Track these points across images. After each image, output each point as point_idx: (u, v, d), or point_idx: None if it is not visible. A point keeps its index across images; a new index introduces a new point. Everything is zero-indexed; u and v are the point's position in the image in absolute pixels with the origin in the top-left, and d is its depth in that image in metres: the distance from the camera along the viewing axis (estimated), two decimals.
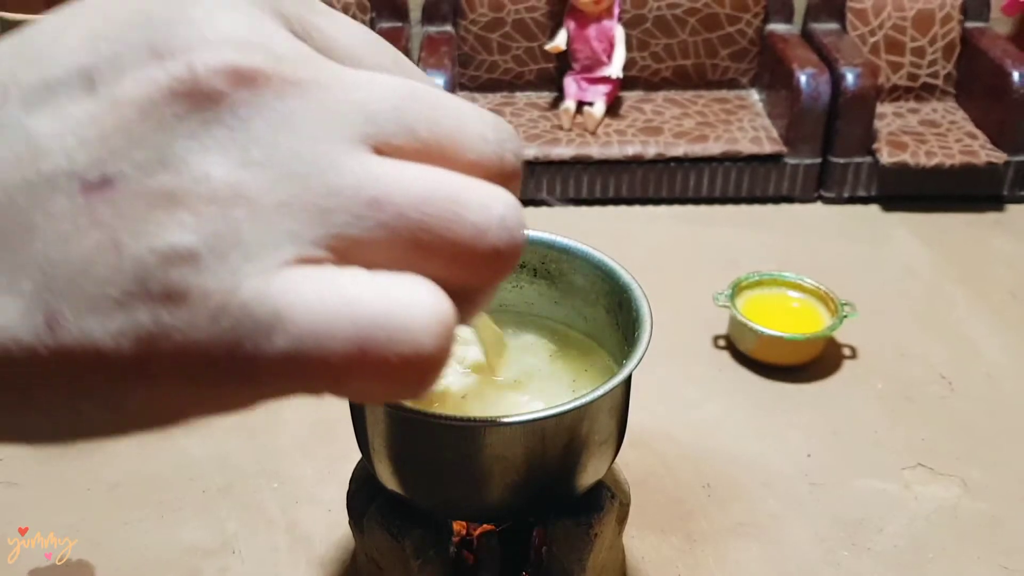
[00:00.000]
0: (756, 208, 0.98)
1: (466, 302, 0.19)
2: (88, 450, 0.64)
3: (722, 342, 0.77)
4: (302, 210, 0.17)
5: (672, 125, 0.99)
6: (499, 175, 0.19)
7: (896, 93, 1.04)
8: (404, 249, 0.18)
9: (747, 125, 0.99)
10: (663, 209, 0.97)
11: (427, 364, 0.17)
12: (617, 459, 0.49)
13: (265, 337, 0.16)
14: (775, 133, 0.98)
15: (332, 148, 0.17)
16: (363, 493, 0.51)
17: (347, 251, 0.17)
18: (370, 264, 0.18)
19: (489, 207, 0.18)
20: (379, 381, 0.17)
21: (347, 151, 0.17)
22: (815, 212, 0.98)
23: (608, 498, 0.49)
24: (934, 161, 0.94)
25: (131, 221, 0.16)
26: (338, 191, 0.17)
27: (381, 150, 0.18)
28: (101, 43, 0.17)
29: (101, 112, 0.16)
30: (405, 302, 0.17)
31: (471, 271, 0.19)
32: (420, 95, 0.19)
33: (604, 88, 1.00)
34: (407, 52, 0.99)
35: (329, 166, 0.17)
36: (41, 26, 0.18)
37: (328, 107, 0.18)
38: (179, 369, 0.17)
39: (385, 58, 0.21)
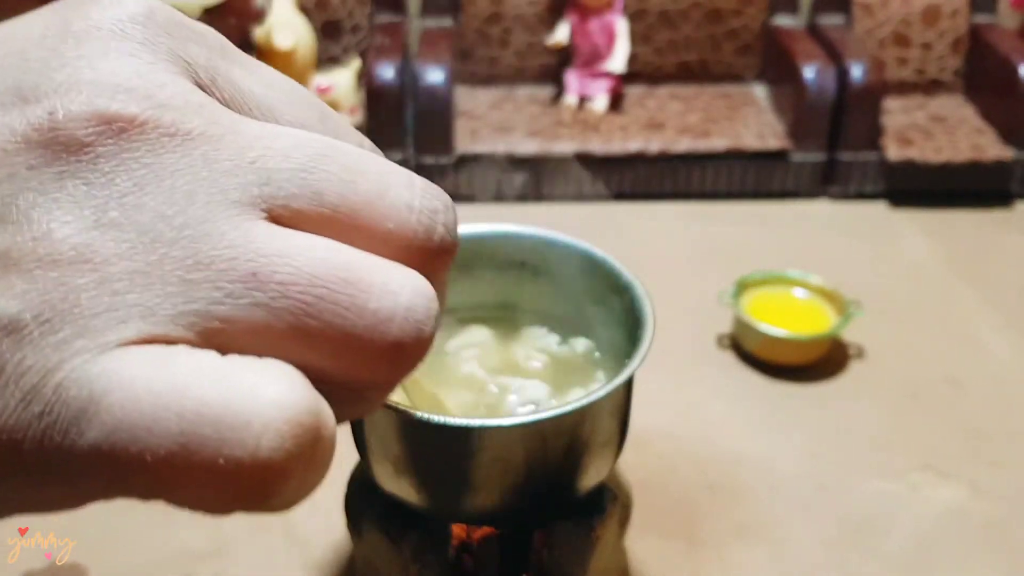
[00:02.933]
0: (761, 205, 0.97)
1: (359, 399, 0.16)
2: None
3: (726, 341, 0.76)
4: (162, 281, 0.14)
5: (676, 121, 0.98)
6: (422, 251, 0.16)
7: (903, 88, 1.03)
8: (285, 335, 0.15)
9: (752, 121, 0.98)
10: (666, 206, 0.96)
11: (267, 472, 0.14)
12: (619, 461, 0.48)
13: (75, 426, 0.14)
14: (780, 129, 0.97)
15: (212, 211, 0.15)
16: (360, 496, 0.50)
17: (214, 333, 0.15)
18: (243, 351, 0.15)
19: (395, 293, 0.15)
20: (210, 490, 0.14)
21: (230, 215, 0.15)
22: (821, 209, 0.96)
23: (610, 500, 0.48)
24: (942, 157, 0.93)
25: None
26: (209, 262, 0.14)
27: (278, 216, 0.15)
28: None
29: None
30: (245, 393, 0.14)
31: (365, 367, 0.16)
32: (336, 155, 0.16)
33: (606, 83, 0.98)
34: (405, 47, 0.98)
35: (203, 232, 0.15)
36: None
37: (215, 163, 0.15)
38: None
39: (310, 114, 0.18)
